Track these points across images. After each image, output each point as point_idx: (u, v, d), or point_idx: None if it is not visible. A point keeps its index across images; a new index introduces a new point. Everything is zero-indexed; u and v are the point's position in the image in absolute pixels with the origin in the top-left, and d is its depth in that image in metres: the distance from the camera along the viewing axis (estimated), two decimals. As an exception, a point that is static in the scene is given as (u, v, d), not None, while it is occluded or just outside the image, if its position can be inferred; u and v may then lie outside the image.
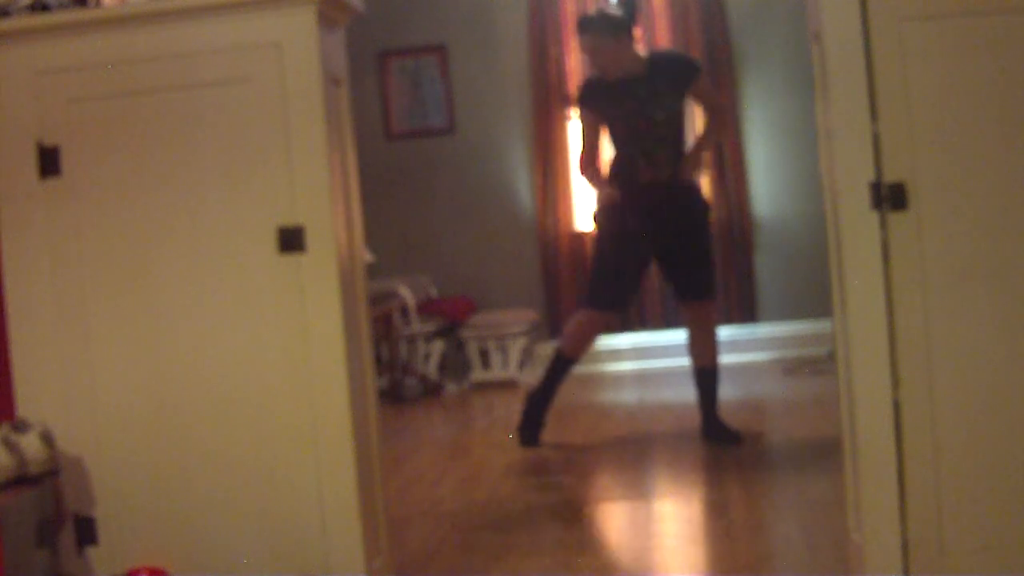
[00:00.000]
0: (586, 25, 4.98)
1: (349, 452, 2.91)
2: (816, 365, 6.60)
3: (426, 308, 7.17)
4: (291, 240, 2.88)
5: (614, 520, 4.16)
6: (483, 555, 3.68)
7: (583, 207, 7.33)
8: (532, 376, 7.11)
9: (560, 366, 5.23)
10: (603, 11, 5.03)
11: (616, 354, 7.16)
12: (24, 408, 3.00)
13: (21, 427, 2.84)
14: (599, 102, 5.02)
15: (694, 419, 5.19)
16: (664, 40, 7.16)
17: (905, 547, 2.72)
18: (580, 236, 7.31)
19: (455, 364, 7.26)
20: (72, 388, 2.99)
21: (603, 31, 4.92)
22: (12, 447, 2.80)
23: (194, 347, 2.95)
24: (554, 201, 7.31)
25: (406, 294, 7.00)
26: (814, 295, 6.37)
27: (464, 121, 7.48)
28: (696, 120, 6.61)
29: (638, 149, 4.96)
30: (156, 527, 2.99)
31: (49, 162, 2.97)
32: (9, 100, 2.98)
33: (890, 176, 2.68)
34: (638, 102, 4.93)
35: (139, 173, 2.95)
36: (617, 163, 5.08)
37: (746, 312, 7.19)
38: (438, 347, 7.10)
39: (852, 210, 2.72)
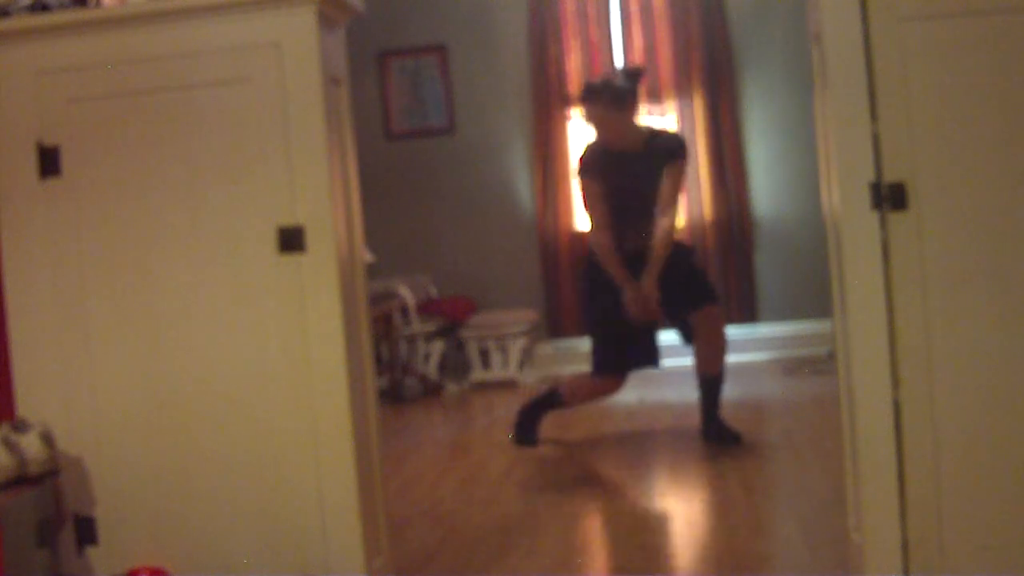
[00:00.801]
0: (593, 96, 4.98)
1: (349, 452, 2.91)
2: (816, 365, 6.59)
3: (426, 308, 7.17)
4: (291, 240, 2.88)
5: (614, 520, 4.15)
6: (483, 555, 3.68)
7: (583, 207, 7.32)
8: (531, 376, 7.12)
9: (554, 404, 5.27)
10: (609, 82, 5.01)
11: (616, 354, 7.15)
12: (24, 408, 3.00)
13: (21, 427, 2.84)
14: (601, 170, 5.02)
15: (694, 418, 5.19)
16: (664, 41, 7.16)
17: (905, 547, 2.72)
18: (580, 236, 7.31)
19: (455, 364, 7.26)
20: (72, 388, 2.99)
21: (609, 103, 4.93)
22: (12, 447, 2.80)
23: (194, 347, 2.95)
24: (554, 201, 7.31)
25: (406, 294, 7.00)
26: (814, 295, 6.38)
27: (464, 121, 7.49)
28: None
29: (627, 221, 5.00)
30: (156, 527, 2.99)
31: (49, 162, 2.97)
32: (9, 100, 2.98)
33: (890, 176, 2.68)
34: (634, 178, 4.98)
35: (139, 173, 2.95)
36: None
37: (746, 312, 7.19)
38: (438, 347, 7.10)
39: (852, 210, 2.72)
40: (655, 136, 5.10)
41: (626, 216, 5.02)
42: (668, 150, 5.02)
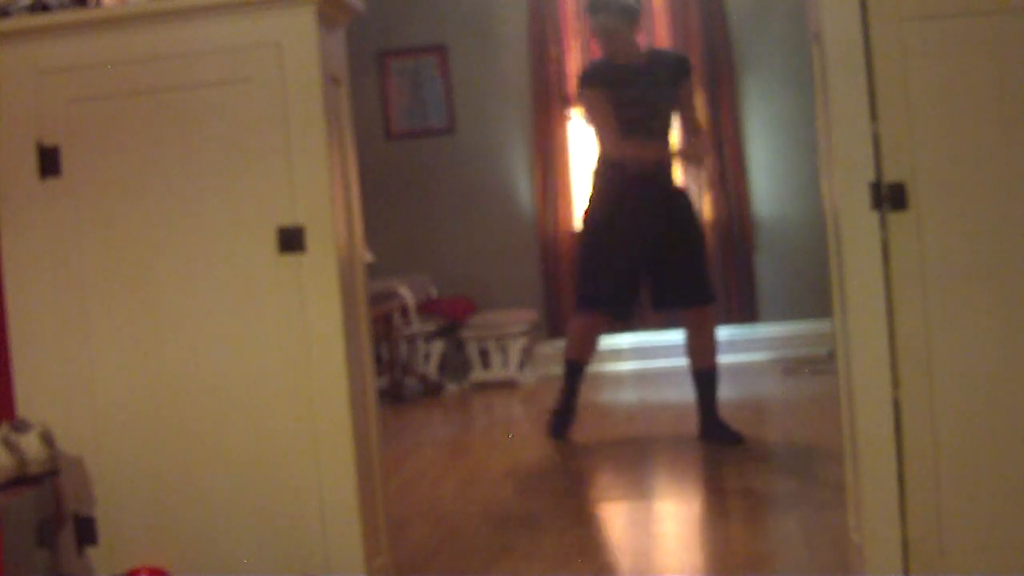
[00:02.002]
0: (601, 6, 4.98)
1: (349, 452, 2.91)
2: (816, 365, 6.59)
3: (426, 308, 7.17)
4: (291, 240, 2.88)
5: (614, 520, 4.16)
6: (483, 555, 3.68)
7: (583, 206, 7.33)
8: (531, 376, 7.12)
9: (571, 372, 5.24)
10: None
11: (616, 354, 7.17)
12: (24, 408, 3.00)
13: (21, 427, 2.84)
14: (606, 83, 4.99)
15: (694, 419, 5.19)
16: (664, 41, 7.16)
17: (905, 547, 2.72)
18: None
19: (455, 364, 7.26)
20: (72, 388, 2.99)
21: (617, 13, 4.94)
22: (12, 447, 2.80)
23: (194, 347, 2.95)
24: (554, 201, 7.31)
25: (406, 294, 7.00)
26: (814, 295, 6.37)
27: (464, 121, 7.48)
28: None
29: (641, 136, 4.96)
30: (156, 527, 2.99)
31: (49, 162, 2.97)
32: (9, 100, 2.98)
33: (890, 176, 2.68)
34: (640, 89, 4.96)
35: (139, 173, 2.95)
36: (608, 156, 5.05)
37: (746, 312, 7.19)
38: (438, 347, 7.10)
39: (852, 210, 2.72)
40: (657, 53, 5.17)
41: (633, 134, 4.96)
42: (675, 66, 5.03)
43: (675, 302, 5.08)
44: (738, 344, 6.99)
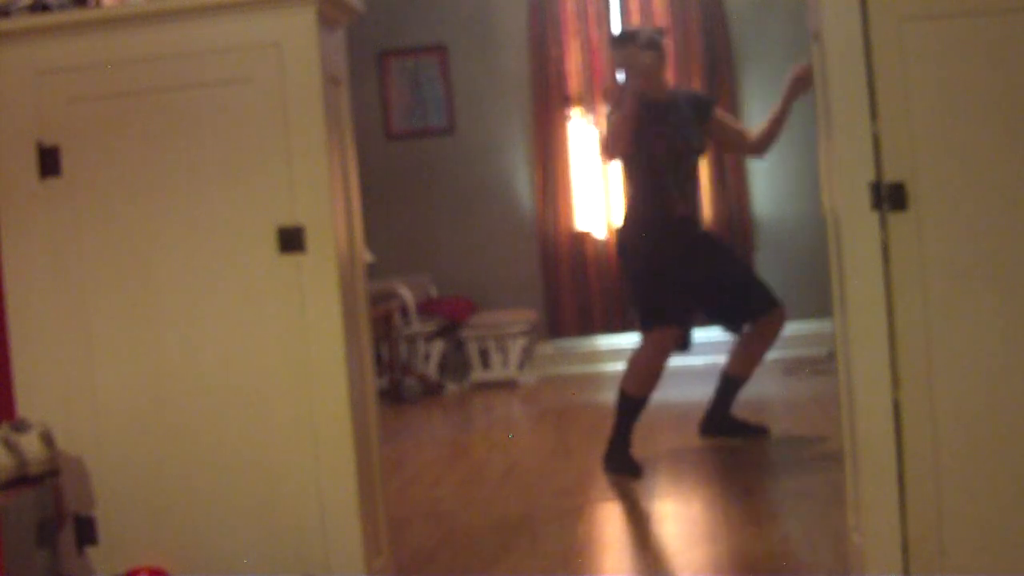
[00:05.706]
0: (629, 38, 4.75)
1: (349, 452, 2.91)
2: (816, 365, 6.59)
3: (426, 308, 7.17)
4: (291, 240, 2.88)
5: (614, 520, 4.16)
6: (483, 555, 3.68)
7: (583, 207, 7.33)
8: (532, 376, 7.11)
9: (631, 410, 4.76)
10: (643, 27, 4.87)
11: (616, 354, 7.16)
12: (24, 408, 3.00)
13: (21, 427, 2.84)
14: (643, 113, 4.71)
15: (694, 419, 5.19)
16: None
17: (905, 547, 2.72)
18: (580, 236, 7.32)
19: (455, 364, 7.26)
20: (72, 388, 2.99)
21: (661, 50, 4.75)
22: (12, 447, 2.80)
23: (194, 347, 2.95)
24: (554, 201, 7.31)
25: (406, 294, 7.00)
26: (814, 295, 6.37)
27: (464, 121, 7.49)
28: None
29: (672, 179, 4.76)
30: (156, 527, 2.99)
31: (49, 162, 2.97)
32: (9, 100, 2.98)
33: (890, 176, 2.68)
34: (674, 126, 4.77)
35: (139, 173, 2.95)
36: (649, 195, 4.77)
37: (746, 312, 7.18)
38: (438, 347, 7.10)
39: (852, 210, 2.72)
40: (678, 90, 5.10)
41: (672, 172, 4.74)
42: (697, 104, 4.93)
43: (743, 318, 4.92)
44: (738, 344, 6.98)
